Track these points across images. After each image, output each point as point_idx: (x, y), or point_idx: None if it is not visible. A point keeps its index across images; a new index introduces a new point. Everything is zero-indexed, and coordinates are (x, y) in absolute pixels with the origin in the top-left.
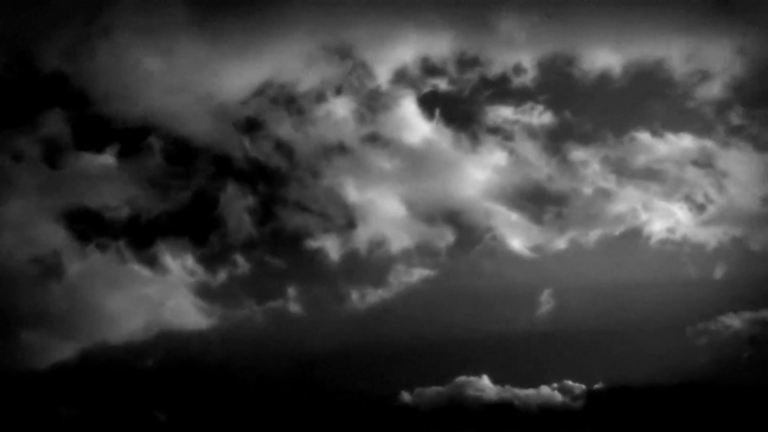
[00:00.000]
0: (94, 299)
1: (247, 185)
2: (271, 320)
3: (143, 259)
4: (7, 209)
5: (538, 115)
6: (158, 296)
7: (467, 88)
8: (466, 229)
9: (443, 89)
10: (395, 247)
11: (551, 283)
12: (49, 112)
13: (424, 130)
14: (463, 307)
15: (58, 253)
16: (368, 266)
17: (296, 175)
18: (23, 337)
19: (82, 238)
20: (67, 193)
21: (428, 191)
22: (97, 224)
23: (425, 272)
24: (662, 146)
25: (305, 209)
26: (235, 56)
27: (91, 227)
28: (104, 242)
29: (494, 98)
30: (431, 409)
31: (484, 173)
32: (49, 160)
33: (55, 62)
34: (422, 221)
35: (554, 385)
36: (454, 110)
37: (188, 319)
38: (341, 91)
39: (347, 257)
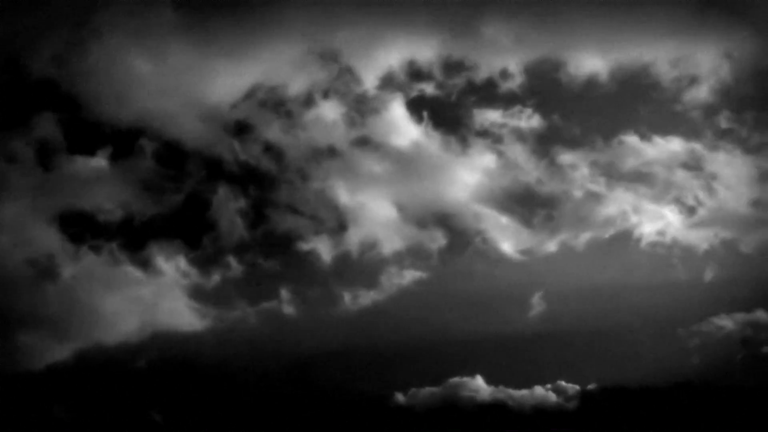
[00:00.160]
0: (88, 301)
1: (238, 188)
2: (264, 322)
3: (137, 261)
4: (1, 211)
5: (526, 118)
6: (152, 298)
7: (454, 92)
8: (456, 232)
9: (431, 93)
10: (387, 249)
11: (543, 285)
12: (41, 115)
13: (413, 133)
14: (455, 308)
15: (52, 255)
16: (360, 268)
17: (287, 178)
18: (18, 338)
19: (75, 240)
20: (60, 195)
21: (418, 194)
22: (90, 226)
23: (417, 274)
24: (651, 150)
25: (296, 212)
26: (224, 60)
27: (84, 229)
28: (98, 244)
29: (482, 102)
30: (426, 409)
31: (473, 176)
32: (42, 162)
33: (46, 66)
34: (413, 224)
35: (548, 385)
36: (442, 114)
37: (182, 320)
38: (328, 94)
39: (339, 259)
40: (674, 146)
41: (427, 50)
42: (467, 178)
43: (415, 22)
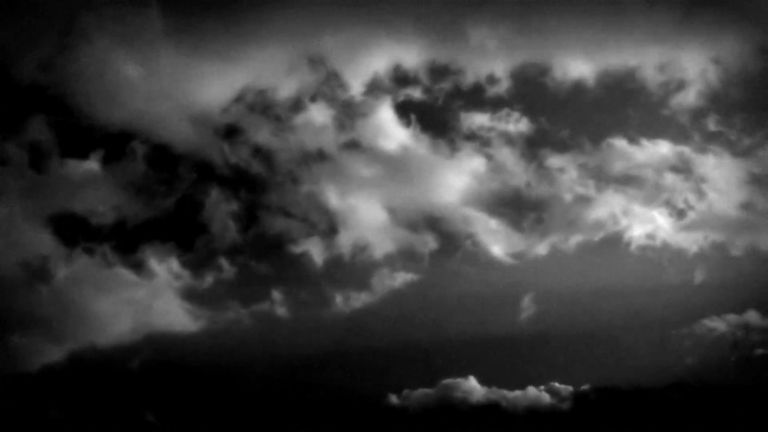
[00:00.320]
0: (81, 302)
1: (229, 191)
2: (257, 323)
3: (130, 263)
4: None
5: (514, 122)
6: (145, 299)
7: (441, 96)
8: (446, 235)
9: (417, 97)
10: (378, 252)
11: (534, 288)
12: (34, 118)
13: (401, 136)
14: (447, 311)
15: (45, 257)
16: (352, 270)
17: (277, 181)
18: (13, 339)
19: (68, 242)
20: (53, 198)
21: (408, 197)
22: (83, 229)
23: (408, 276)
24: (640, 153)
25: (288, 214)
26: (213, 64)
27: (77, 232)
28: (91, 246)
29: (469, 106)
30: (419, 410)
31: (462, 179)
32: (35, 165)
33: (38, 70)
34: (404, 227)
35: (542, 387)
36: (430, 117)
37: (175, 321)
38: (317, 98)
39: (331, 262)
40: (663, 149)
41: (412, 55)
42: (456, 181)
43: (400, 27)
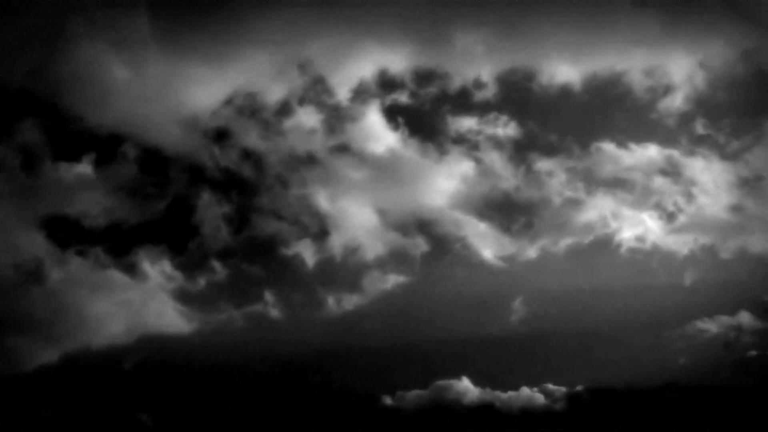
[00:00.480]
0: (75, 304)
1: (221, 194)
2: (249, 324)
3: (122, 265)
4: None
5: (502, 126)
6: (138, 301)
7: (428, 100)
8: (436, 238)
9: (404, 102)
10: (369, 254)
11: (524, 290)
12: (25, 122)
13: (390, 140)
14: (439, 312)
15: (39, 259)
16: (344, 272)
17: (267, 184)
18: (6, 341)
19: (62, 244)
20: (46, 200)
21: (398, 200)
22: (76, 231)
23: (400, 279)
24: (628, 156)
25: (279, 217)
26: (202, 68)
27: (70, 234)
28: (84, 249)
29: (456, 110)
30: (413, 411)
31: (451, 183)
32: (27, 169)
33: (28, 74)
34: (394, 229)
35: (535, 387)
36: (417, 121)
37: (168, 323)
38: (305, 102)
39: (322, 264)
40: (651, 153)
41: (399, 60)
42: (445, 184)
43: (386, 32)
